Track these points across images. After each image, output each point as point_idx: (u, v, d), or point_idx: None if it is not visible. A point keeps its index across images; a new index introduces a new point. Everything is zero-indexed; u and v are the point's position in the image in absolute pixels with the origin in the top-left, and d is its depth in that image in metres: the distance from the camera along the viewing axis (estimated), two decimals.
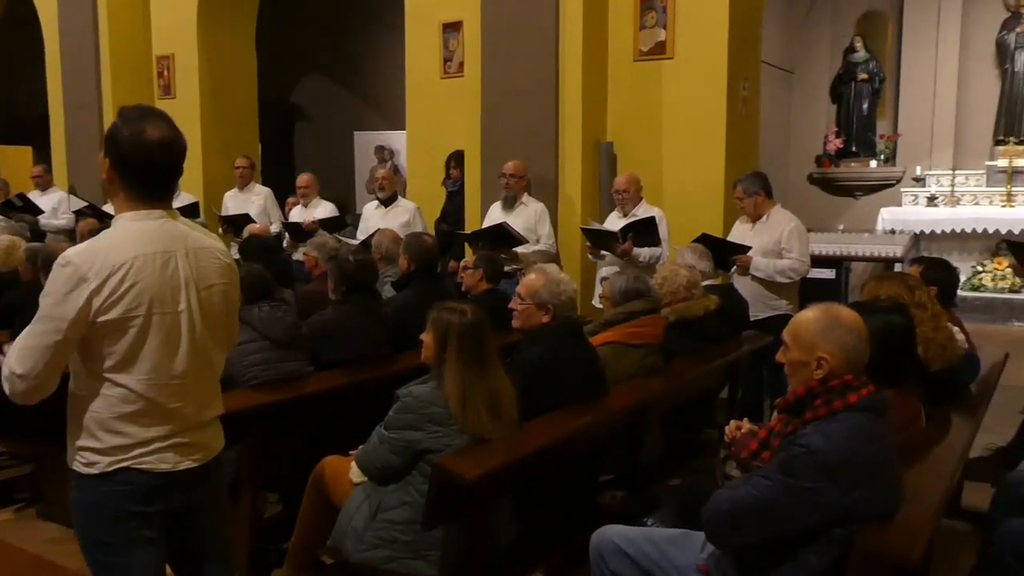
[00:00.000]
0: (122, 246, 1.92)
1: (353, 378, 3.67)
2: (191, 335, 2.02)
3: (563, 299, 3.25)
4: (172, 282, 1.98)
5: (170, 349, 1.99)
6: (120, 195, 1.99)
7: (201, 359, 2.07)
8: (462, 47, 6.88)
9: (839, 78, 10.59)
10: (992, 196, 9.49)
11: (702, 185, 5.84)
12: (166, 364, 1.98)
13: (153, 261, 1.94)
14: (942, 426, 3.02)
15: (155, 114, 1.99)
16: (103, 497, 1.97)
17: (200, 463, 2.08)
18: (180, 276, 1.99)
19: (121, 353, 1.92)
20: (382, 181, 6.54)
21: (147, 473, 1.98)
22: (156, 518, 2.04)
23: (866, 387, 2.17)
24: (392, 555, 2.73)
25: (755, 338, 4.55)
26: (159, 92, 8.94)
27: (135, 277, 1.90)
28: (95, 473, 1.96)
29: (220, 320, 2.13)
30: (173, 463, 2.01)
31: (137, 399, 1.95)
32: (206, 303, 2.06)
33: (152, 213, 1.98)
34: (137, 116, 1.96)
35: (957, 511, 3.64)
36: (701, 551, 2.41)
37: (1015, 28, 9.48)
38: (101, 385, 1.94)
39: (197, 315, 2.03)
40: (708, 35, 5.79)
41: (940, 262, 4.08)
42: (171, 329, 1.98)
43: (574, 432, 3.02)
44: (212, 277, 2.08)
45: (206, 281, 2.06)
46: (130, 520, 1.99)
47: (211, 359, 2.12)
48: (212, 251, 2.10)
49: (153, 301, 1.94)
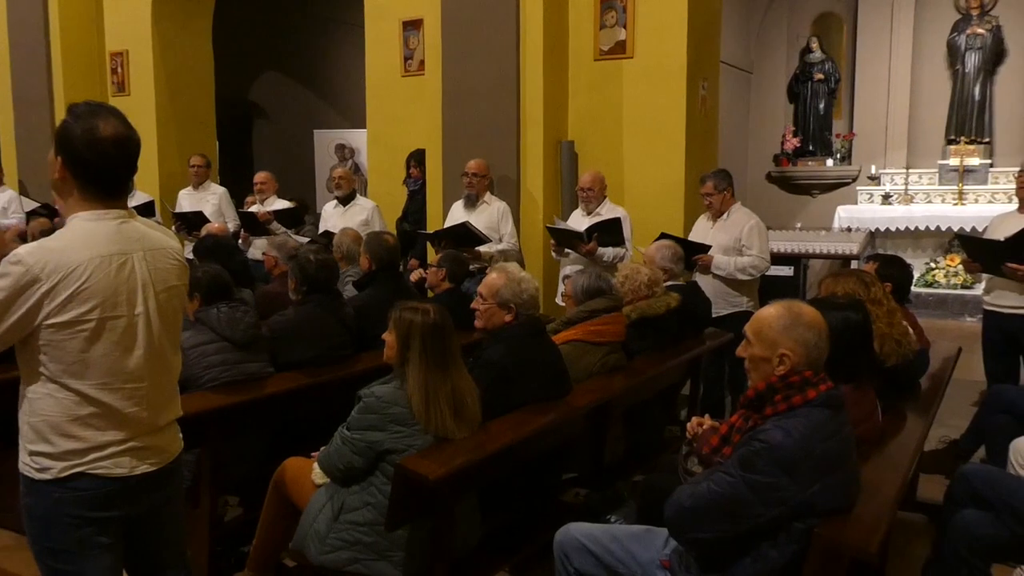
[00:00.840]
0: (77, 247, 1.87)
1: (314, 379, 3.63)
2: (148, 338, 1.98)
3: (525, 298, 3.26)
4: (129, 285, 1.93)
5: (125, 352, 1.94)
6: (74, 195, 1.93)
7: (158, 362, 2.03)
8: (422, 45, 6.85)
9: (796, 78, 10.74)
10: (944, 194, 9.70)
11: (662, 184, 5.89)
12: (121, 367, 1.94)
13: (109, 263, 1.89)
14: (897, 420, 3.08)
15: (107, 111, 1.94)
16: (56, 503, 1.92)
17: (157, 467, 2.04)
18: (137, 278, 1.95)
19: (74, 356, 1.88)
20: (339, 180, 6.50)
21: (102, 478, 1.94)
22: (112, 524, 1.99)
23: (824, 383, 2.20)
24: (355, 556, 2.72)
25: (716, 335, 4.60)
26: (112, 89, 8.76)
27: (89, 280, 1.86)
28: (48, 479, 1.91)
29: (177, 322, 2.11)
30: (129, 468, 1.97)
31: (92, 403, 1.91)
32: (164, 305, 2.02)
33: (108, 213, 1.93)
34: (89, 113, 1.91)
35: (912, 503, 3.71)
36: (664, 547, 2.43)
37: (965, 30, 9.70)
38: (55, 388, 1.89)
39: (155, 318, 1.99)
40: (668, 35, 5.83)
41: (894, 259, 4.17)
42: (127, 332, 1.94)
43: (537, 431, 3.02)
44: (171, 279, 2.05)
45: (164, 283, 2.02)
46: (84, 527, 1.95)
47: (168, 362, 2.08)
48: (170, 252, 2.07)
49: (107, 304, 1.89)
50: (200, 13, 8.82)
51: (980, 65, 9.66)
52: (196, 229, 6.55)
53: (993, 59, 9.67)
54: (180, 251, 2.12)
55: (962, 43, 9.72)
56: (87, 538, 1.96)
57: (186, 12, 8.64)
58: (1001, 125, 9.74)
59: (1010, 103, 9.67)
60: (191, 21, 8.72)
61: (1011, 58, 9.67)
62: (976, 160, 9.57)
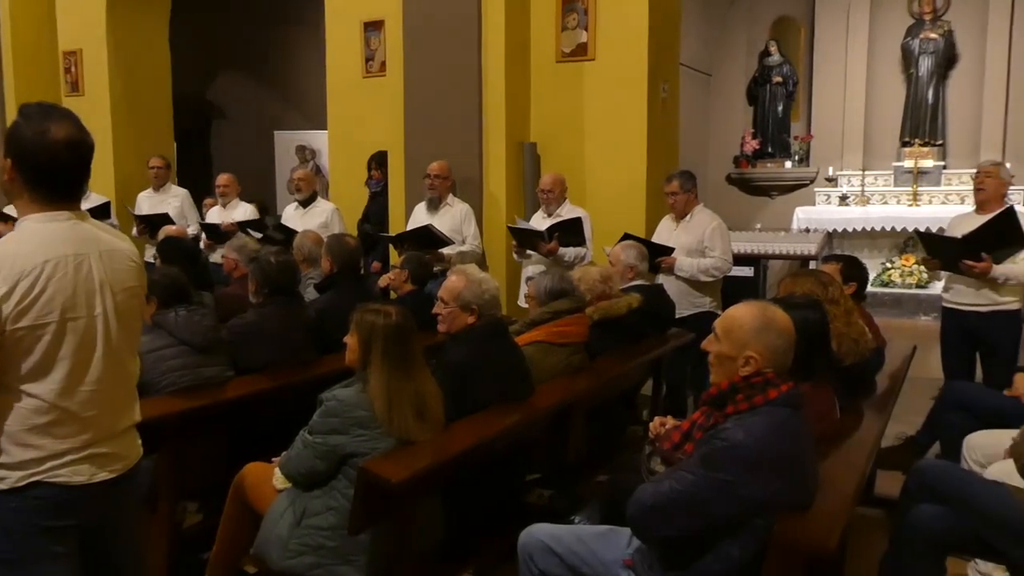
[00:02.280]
0: (31, 249, 1.83)
1: (275, 382, 3.59)
2: (106, 340, 1.95)
3: (487, 298, 3.25)
4: (87, 285, 1.90)
5: (85, 356, 1.91)
6: (24, 197, 1.89)
7: (116, 365, 1.99)
8: (384, 46, 6.82)
9: (755, 81, 10.88)
10: (899, 195, 9.89)
11: (624, 185, 5.92)
12: (80, 371, 1.90)
13: (66, 264, 1.86)
14: (855, 417, 3.13)
15: (60, 112, 1.90)
16: (12, 513, 1.87)
17: (116, 474, 2.00)
18: (95, 279, 1.92)
19: (34, 362, 1.83)
20: (299, 182, 6.45)
21: (60, 487, 1.89)
22: (68, 533, 1.95)
23: (785, 383, 2.23)
24: (318, 561, 2.69)
25: (679, 335, 4.63)
26: (66, 89, 8.58)
27: (46, 282, 1.82)
28: (4, 488, 1.86)
29: (134, 325, 2.07)
30: (88, 475, 1.93)
31: (50, 409, 1.86)
32: (122, 307, 1.99)
33: (60, 215, 1.89)
34: (41, 114, 1.87)
35: (870, 499, 3.77)
36: (627, 546, 2.44)
37: (919, 35, 9.89)
38: (11, 397, 1.84)
39: (112, 319, 1.96)
40: (628, 37, 5.87)
41: (853, 260, 4.24)
42: (85, 335, 1.90)
43: (501, 432, 3.02)
44: (128, 280, 2.02)
45: (121, 284, 1.99)
46: (40, 536, 1.90)
47: (126, 365, 2.05)
48: (125, 253, 2.03)
49: (66, 306, 1.85)
50: (156, 11, 8.68)
51: (933, 69, 9.87)
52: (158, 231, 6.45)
53: (945, 63, 9.88)
54: (135, 253, 2.09)
55: (916, 47, 9.92)
56: (42, 547, 1.91)
57: (141, 10, 8.50)
58: (954, 128, 9.95)
59: (962, 106, 9.88)
60: (147, 19, 8.57)
61: (963, 62, 9.89)
62: (930, 162, 9.78)
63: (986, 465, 3.30)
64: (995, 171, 4.75)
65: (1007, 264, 4.46)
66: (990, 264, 4.42)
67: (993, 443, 3.40)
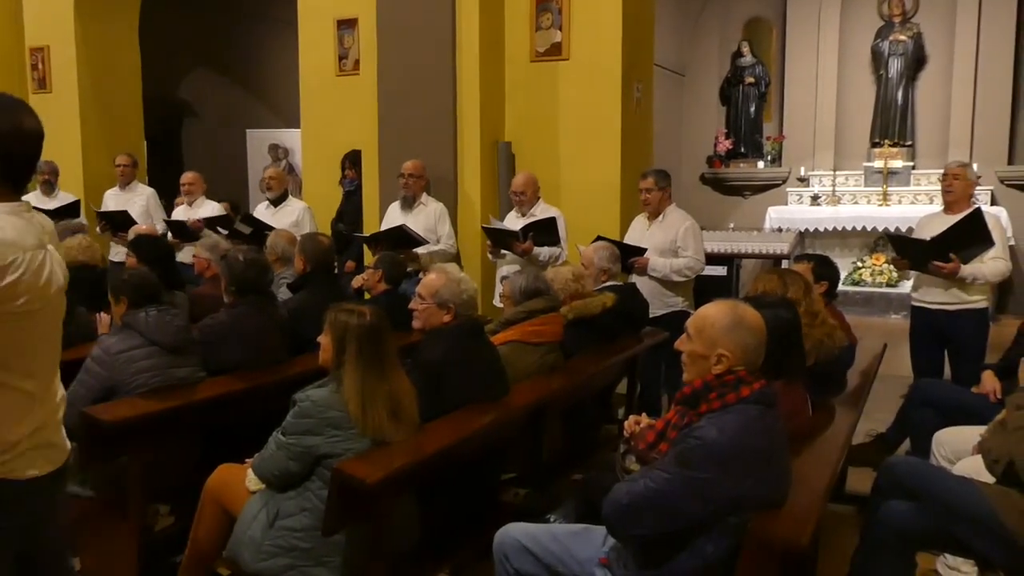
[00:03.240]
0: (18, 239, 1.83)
1: (247, 383, 3.55)
2: (54, 330, 1.99)
3: (464, 298, 3.25)
4: (47, 275, 1.90)
5: (43, 344, 1.94)
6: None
7: (56, 355, 2.03)
8: (358, 45, 6.79)
9: (728, 81, 10.96)
10: (870, 195, 10.01)
11: (598, 185, 5.94)
12: (37, 360, 1.93)
13: (36, 255, 1.86)
14: (826, 415, 3.16)
15: (24, 105, 1.91)
16: None
17: (56, 467, 2.00)
18: (48, 269, 1.91)
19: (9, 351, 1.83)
20: (270, 180, 6.40)
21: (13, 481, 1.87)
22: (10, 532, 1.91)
23: (758, 381, 2.24)
24: (292, 563, 2.67)
25: (653, 334, 4.66)
26: (33, 86, 8.43)
27: (23, 270, 1.82)
28: None
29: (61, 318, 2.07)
30: (40, 467, 1.93)
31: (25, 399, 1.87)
32: (58, 297, 1.99)
33: (19, 206, 1.88)
34: (15, 106, 1.87)
35: (842, 496, 3.81)
36: (603, 544, 2.44)
37: (888, 36, 10.02)
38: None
39: (57, 310, 1.99)
40: (602, 37, 5.89)
41: (825, 259, 4.28)
42: (41, 323, 1.92)
43: (476, 432, 3.02)
44: (63, 270, 2.02)
45: (63, 275, 2.00)
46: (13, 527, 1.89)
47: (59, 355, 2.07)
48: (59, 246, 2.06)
49: (33, 296, 1.85)
50: (125, 7, 8.55)
51: (902, 71, 10.00)
52: (122, 229, 6.36)
53: (915, 65, 10.02)
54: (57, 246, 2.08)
55: (885, 49, 10.04)
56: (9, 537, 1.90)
57: (110, 6, 8.36)
58: (923, 129, 10.09)
59: (931, 108, 10.01)
60: (116, 16, 8.44)
61: (931, 64, 10.03)
62: (899, 163, 9.91)
63: (955, 461, 3.35)
64: (963, 172, 4.82)
65: (974, 264, 4.53)
66: (958, 264, 4.49)
67: (961, 440, 3.45)
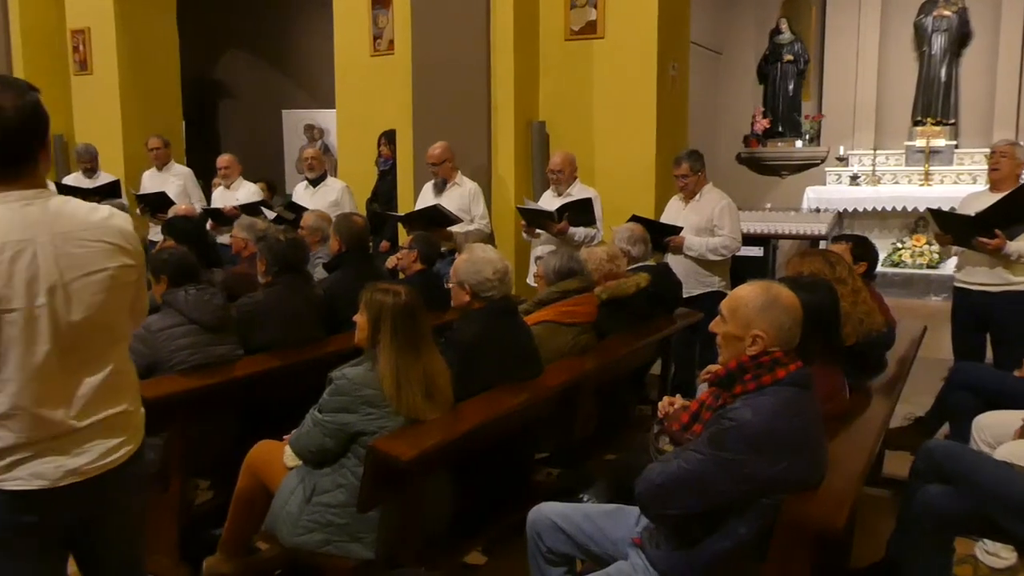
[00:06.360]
0: None
1: (284, 361, 3.60)
2: (55, 332, 1.77)
3: (481, 279, 3.22)
4: (28, 274, 1.73)
5: (28, 349, 1.75)
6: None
7: (75, 358, 1.83)
8: (392, 24, 6.78)
9: (765, 59, 10.77)
10: (911, 175, 9.81)
11: (633, 165, 5.89)
12: (27, 365, 1.75)
13: (1, 251, 1.70)
14: (863, 398, 3.12)
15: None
16: None
17: (91, 475, 1.86)
18: (39, 267, 1.74)
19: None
20: (311, 160, 6.44)
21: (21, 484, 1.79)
22: (45, 529, 1.85)
23: (794, 362, 2.22)
24: (327, 538, 2.71)
25: (687, 315, 4.63)
26: (75, 68, 8.56)
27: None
28: None
29: (113, 309, 1.89)
30: (53, 476, 1.80)
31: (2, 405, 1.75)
32: (81, 294, 1.81)
33: (10, 195, 1.74)
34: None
35: (878, 479, 3.78)
36: (635, 525, 2.45)
37: (932, 12, 9.78)
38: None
39: (64, 309, 1.78)
40: (638, 15, 5.82)
41: (863, 239, 4.22)
42: (28, 327, 1.74)
43: (509, 411, 3.03)
44: (91, 263, 1.83)
45: (81, 269, 1.81)
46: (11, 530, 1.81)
47: (95, 357, 1.87)
48: (90, 233, 1.83)
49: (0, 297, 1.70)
50: None
51: (946, 47, 9.75)
52: (160, 210, 6.45)
53: (959, 41, 9.76)
54: (112, 231, 1.88)
55: (929, 25, 9.80)
56: (13, 542, 1.82)
57: None
58: (966, 107, 9.85)
59: (975, 85, 9.77)
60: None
61: (976, 40, 9.77)
62: (942, 141, 9.70)
63: (995, 446, 3.29)
64: (1011, 151, 4.71)
65: (1020, 241, 4.43)
66: (1004, 240, 4.39)
67: (1002, 424, 3.39)
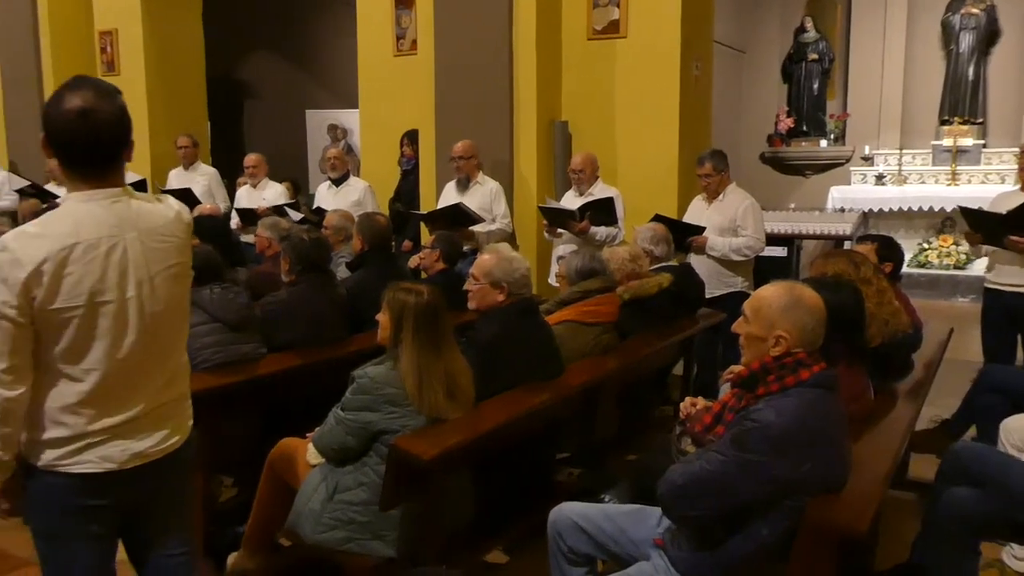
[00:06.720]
0: (60, 231, 1.80)
1: (307, 360, 3.63)
2: (141, 323, 1.91)
3: (517, 277, 3.25)
4: (119, 268, 1.86)
5: (117, 339, 1.88)
6: (63, 173, 1.88)
7: (155, 347, 1.96)
8: (415, 24, 6.80)
9: (790, 58, 10.70)
10: (938, 175, 9.71)
11: (656, 164, 5.87)
12: (114, 355, 1.88)
13: (96, 247, 1.82)
14: (889, 400, 3.09)
15: (83, 83, 1.84)
16: (49, 488, 1.90)
17: (153, 458, 1.99)
18: (129, 261, 1.87)
19: (66, 343, 1.83)
20: (334, 160, 6.47)
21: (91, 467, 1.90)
22: (105, 512, 1.96)
23: (818, 364, 2.21)
24: (349, 536, 2.73)
25: (710, 315, 4.61)
26: (102, 68, 8.66)
27: (74, 265, 1.79)
28: (40, 465, 1.89)
29: (181, 302, 2.05)
30: (120, 461, 1.93)
31: (85, 391, 1.87)
32: (161, 287, 1.94)
33: (98, 193, 1.85)
34: (64, 86, 1.84)
35: (903, 482, 3.74)
36: (657, 525, 2.44)
37: (959, 10, 9.67)
38: (50, 376, 1.86)
39: (150, 301, 1.92)
40: (661, 14, 5.80)
41: (889, 240, 4.18)
42: (117, 318, 1.87)
43: (530, 411, 3.03)
44: (168, 258, 1.96)
45: (163, 263, 1.95)
46: (78, 514, 1.92)
47: (167, 346, 2.01)
48: (167, 228, 1.97)
49: (95, 290, 1.82)
50: None
51: (974, 45, 9.64)
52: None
53: (987, 39, 9.66)
54: (182, 226, 2.02)
55: (956, 23, 9.69)
56: (80, 526, 1.94)
57: None
58: (994, 105, 9.74)
59: (1003, 83, 9.66)
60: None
61: (1005, 38, 9.65)
62: (969, 140, 9.59)
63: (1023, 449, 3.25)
64: None
65: None
66: None
67: None
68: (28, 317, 1.79)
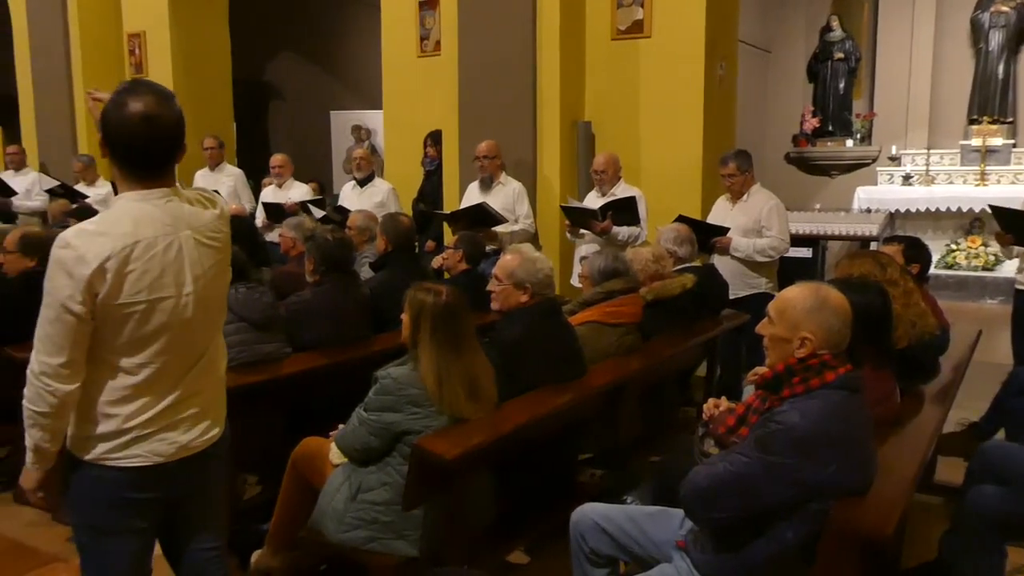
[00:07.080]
0: (120, 230, 1.85)
1: (331, 359, 3.65)
2: (194, 319, 1.97)
3: (540, 277, 3.25)
4: (176, 265, 1.92)
5: (174, 334, 1.93)
6: (120, 174, 1.93)
7: (203, 344, 2.03)
8: (439, 25, 6.82)
9: (815, 57, 10.60)
10: (966, 175, 9.58)
11: (679, 165, 5.85)
12: (168, 350, 1.93)
13: (155, 245, 1.88)
14: (916, 402, 3.06)
15: (144, 87, 1.91)
16: (94, 482, 1.94)
17: (196, 451, 2.04)
18: (184, 259, 1.93)
19: (124, 338, 1.88)
20: (359, 161, 6.51)
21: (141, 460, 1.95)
22: (151, 506, 2.01)
23: (843, 365, 2.19)
24: (372, 535, 2.74)
25: (733, 316, 4.58)
26: (131, 70, 8.78)
27: (136, 262, 1.84)
28: (89, 459, 1.93)
29: (222, 299, 2.12)
30: (167, 454, 1.98)
31: (138, 385, 1.91)
32: (211, 284, 2.01)
33: (152, 193, 1.91)
34: (125, 90, 1.90)
35: (930, 486, 3.70)
36: (680, 527, 2.43)
37: (989, 8, 9.54)
38: (100, 369, 1.90)
39: (203, 296, 1.98)
40: (685, 14, 5.77)
41: (916, 241, 4.14)
42: (174, 314, 1.92)
43: (553, 411, 3.03)
44: (217, 253, 2.03)
45: (211, 259, 2.00)
46: (125, 507, 1.97)
47: (211, 342, 2.08)
48: (215, 225, 2.03)
49: (155, 287, 1.88)
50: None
51: (1004, 43, 9.51)
52: None
53: (1017, 37, 9.52)
54: (225, 222, 2.09)
55: (986, 21, 9.56)
56: (125, 520, 1.98)
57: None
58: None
59: None
60: (208, 1, 8.71)
61: None
62: (999, 140, 9.45)
63: None
64: None
65: None
66: None
67: None
68: (90, 313, 1.83)
